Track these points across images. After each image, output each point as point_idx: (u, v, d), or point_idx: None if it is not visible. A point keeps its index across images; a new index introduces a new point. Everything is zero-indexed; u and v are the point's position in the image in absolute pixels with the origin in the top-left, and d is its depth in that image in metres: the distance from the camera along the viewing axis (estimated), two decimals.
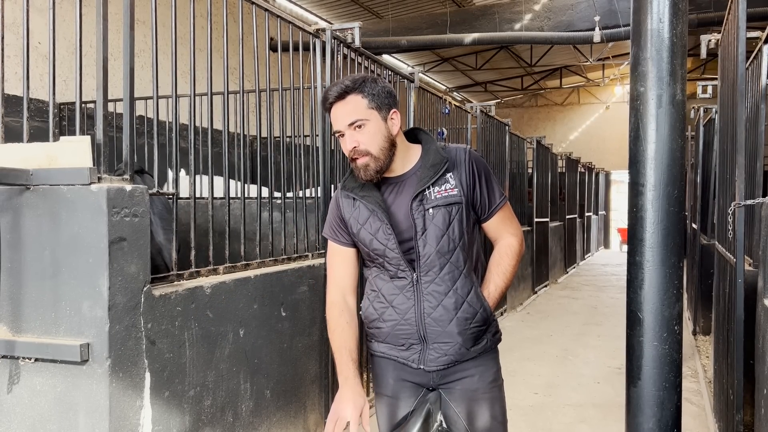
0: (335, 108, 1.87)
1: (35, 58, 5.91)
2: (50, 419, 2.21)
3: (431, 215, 1.88)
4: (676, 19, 1.59)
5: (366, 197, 1.92)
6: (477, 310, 1.90)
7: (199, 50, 2.84)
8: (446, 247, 1.89)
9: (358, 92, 1.85)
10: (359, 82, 1.86)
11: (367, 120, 1.85)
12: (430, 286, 1.89)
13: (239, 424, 2.91)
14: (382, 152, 1.87)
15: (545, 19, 12.85)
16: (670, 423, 1.63)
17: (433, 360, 1.91)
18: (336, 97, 1.86)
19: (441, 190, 1.89)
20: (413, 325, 1.90)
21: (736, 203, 2.81)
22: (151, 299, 2.35)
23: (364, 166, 1.87)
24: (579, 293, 10.21)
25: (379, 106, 1.87)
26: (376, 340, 2.01)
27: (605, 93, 21.35)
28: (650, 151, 1.61)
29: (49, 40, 2.36)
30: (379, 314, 1.96)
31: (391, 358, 1.98)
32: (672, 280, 1.62)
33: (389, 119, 1.89)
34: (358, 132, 1.85)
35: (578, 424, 4.13)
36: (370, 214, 1.92)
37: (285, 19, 3.43)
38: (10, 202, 2.24)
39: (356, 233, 1.97)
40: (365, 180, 1.90)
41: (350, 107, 1.85)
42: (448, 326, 1.88)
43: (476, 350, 1.94)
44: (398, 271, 1.91)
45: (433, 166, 1.91)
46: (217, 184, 3.47)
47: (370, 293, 2.01)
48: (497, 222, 2.00)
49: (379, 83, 1.90)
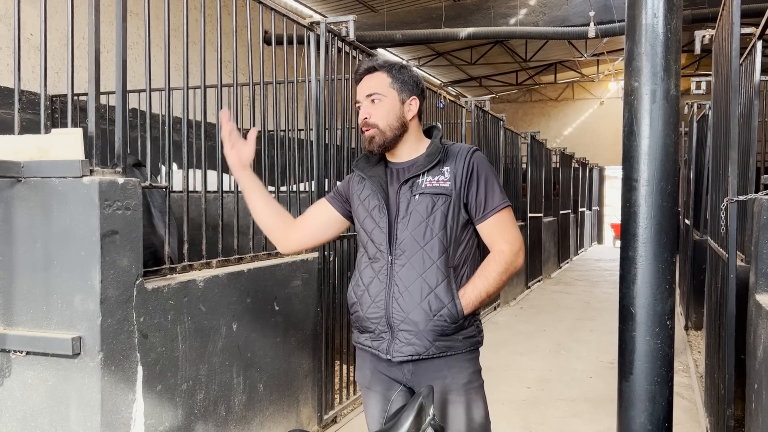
0: (362, 81, 2.01)
1: (27, 49, 5.86)
2: (42, 413, 2.21)
3: (416, 201, 1.92)
4: (670, 14, 1.59)
5: (372, 177, 2.02)
6: (444, 305, 1.88)
7: (192, 43, 2.82)
8: (422, 235, 1.90)
9: (386, 71, 1.98)
10: (389, 63, 2.01)
11: (384, 96, 1.96)
12: (401, 271, 1.91)
13: (232, 417, 2.91)
14: (389, 129, 1.96)
15: (540, 14, 12.84)
16: (662, 417, 1.64)
17: (399, 350, 1.91)
18: (365, 71, 2.00)
19: (433, 180, 1.93)
20: (381, 308, 1.92)
21: (729, 199, 2.82)
22: (144, 293, 2.34)
23: (370, 137, 1.98)
24: (572, 288, 10.25)
25: (401, 89, 1.98)
26: (356, 327, 2.05)
27: (600, 89, 21.38)
28: (644, 147, 1.61)
29: (41, 32, 2.34)
30: (357, 298, 2.00)
31: (366, 349, 2.01)
32: (664, 276, 1.63)
33: (407, 104, 1.99)
34: (373, 105, 1.97)
35: (571, 418, 4.15)
36: (371, 192, 2.01)
37: (279, 12, 3.41)
38: (1, 195, 2.22)
39: (356, 209, 2.06)
40: (368, 151, 2.01)
41: (374, 82, 1.98)
42: (412, 313, 1.88)
43: (443, 347, 1.90)
44: (377, 252, 1.96)
45: (429, 155, 1.97)
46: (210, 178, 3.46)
47: (353, 278, 2.07)
48: (492, 226, 1.96)
49: (409, 71, 2.02)
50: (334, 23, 3.88)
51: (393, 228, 1.94)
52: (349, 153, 4.23)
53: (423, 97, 2.04)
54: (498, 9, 12.37)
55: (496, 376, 4.91)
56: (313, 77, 3.80)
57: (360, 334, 2.03)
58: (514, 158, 9.25)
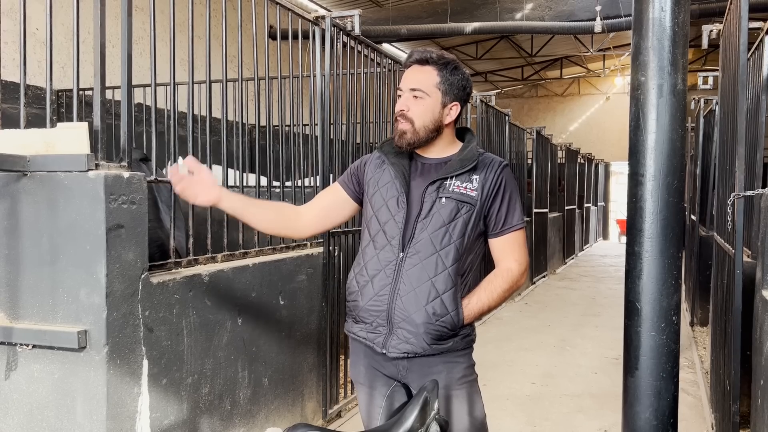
0: (410, 69, 1.94)
1: (33, 44, 5.88)
2: (48, 406, 2.22)
3: (441, 204, 1.89)
4: (677, 8, 1.58)
5: (395, 164, 1.96)
6: (448, 312, 1.87)
7: (197, 38, 2.82)
8: (440, 239, 1.88)
9: (437, 68, 1.91)
10: (444, 61, 1.92)
11: (427, 96, 1.90)
12: (412, 270, 1.88)
13: (237, 411, 2.92)
14: (423, 129, 1.91)
15: (546, 8, 12.79)
16: (667, 413, 1.64)
17: (395, 346, 1.90)
18: (416, 60, 1.93)
19: (461, 186, 1.91)
20: (384, 303, 1.90)
21: (736, 194, 2.80)
22: (149, 287, 2.35)
23: (401, 132, 1.92)
24: (577, 284, 10.23)
25: (447, 91, 1.91)
26: (351, 316, 2.02)
27: (606, 84, 21.29)
28: (650, 141, 1.60)
29: (47, 27, 2.35)
30: (359, 287, 1.97)
31: (360, 340, 1.98)
32: (670, 271, 1.62)
33: (447, 107, 1.93)
34: (413, 100, 1.90)
35: (575, 413, 4.15)
36: (390, 180, 1.96)
37: (284, 6, 3.41)
38: (8, 189, 2.23)
39: (371, 195, 2.00)
40: (396, 145, 1.95)
41: (422, 76, 1.91)
42: (414, 314, 1.87)
43: (438, 348, 1.90)
44: (387, 245, 1.92)
45: (462, 160, 1.94)
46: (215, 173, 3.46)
47: (356, 266, 2.02)
48: (504, 243, 1.96)
49: (461, 73, 1.94)
50: (340, 18, 3.87)
51: (411, 225, 1.90)
52: (354, 148, 4.22)
53: (466, 103, 1.98)
54: (504, 4, 12.33)
55: (501, 372, 4.91)
56: (318, 72, 3.79)
57: (354, 324, 2.00)
58: (520, 154, 9.22)
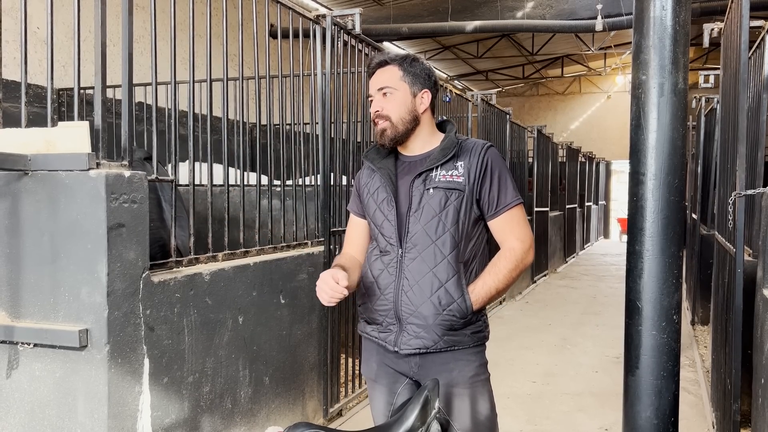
0: (374, 74, 2.01)
1: (34, 43, 5.89)
2: (49, 404, 2.22)
3: (429, 195, 1.91)
4: (679, 6, 1.58)
5: (382, 169, 2.02)
6: (454, 300, 1.88)
7: (198, 36, 2.82)
8: (435, 230, 1.90)
9: (397, 64, 1.98)
10: (401, 57, 2.00)
11: (395, 89, 1.96)
12: (412, 264, 1.91)
13: (238, 410, 2.92)
14: (401, 122, 1.96)
15: (547, 7, 12.78)
16: (668, 412, 1.64)
17: (406, 342, 1.91)
18: (377, 65, 2.01)
19: (447, 175, 1.93)
20: (390, 301, 1.93)
21: (737, 193, 2.80)
22: (150, 285, 2.35)
23: (381, 130, 1.98)
24: (578, 283, 10.23)
25: (412, 82, 1.97)
26: (362, 318, 2.05)
27: (607, 82, 21.27)
28: (651, 140, 1.60)
29: (47, 25, 2.34)
30: (366, 289, 2.00)
31: (373, 339, 2.01)
32: (671, 270, 1.62)
33: (419, 96, 1.98)
34: (384, 98, 1.97)
35: (576, 412, 4.15)
36: (380, 185, 2.01)
37: (285, 5, 3.41)
38: (9, 188, 2.23)
39: (365, 201, 2.06)
40: (380, 144, 2.01)
41: (385, 76, 1.98)
42: (421, 307, 1.88)
43: (451, 341, 1.91)
44: (387, 245, 1.96)
45: (444, 149, 1.96)
46: (216, 172, 3.46)
47: (362, 269, 2.06)
48: (503, 223, 1.96)
49: (421, 63, 2.01)
50: (340, 16, 3.87)
51: (404, 221, 1.94)
52: (355, 147, 4.22)
53: (435, 90, 2.02)
54: (505, 2, 12.32)
55: (502, 370, 4.92)
56: (318, 71, 3.79)
57: (367, 325, 2.03)
58: (521, 152, 9.22)
